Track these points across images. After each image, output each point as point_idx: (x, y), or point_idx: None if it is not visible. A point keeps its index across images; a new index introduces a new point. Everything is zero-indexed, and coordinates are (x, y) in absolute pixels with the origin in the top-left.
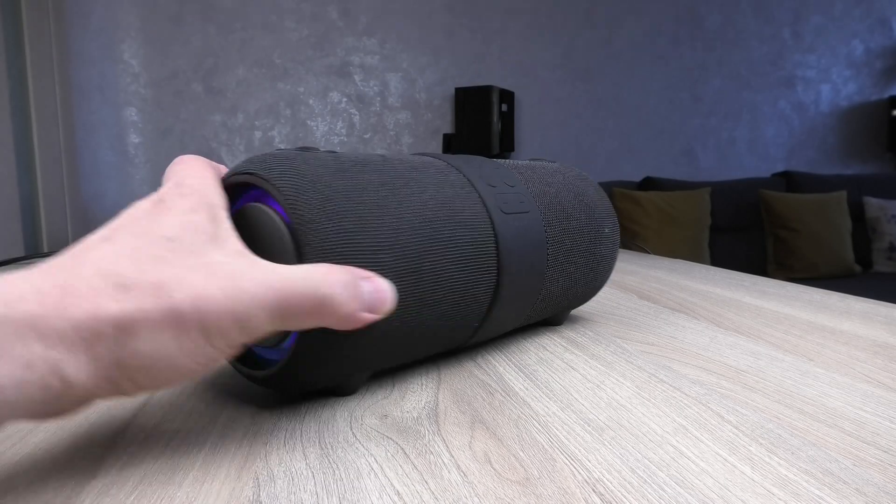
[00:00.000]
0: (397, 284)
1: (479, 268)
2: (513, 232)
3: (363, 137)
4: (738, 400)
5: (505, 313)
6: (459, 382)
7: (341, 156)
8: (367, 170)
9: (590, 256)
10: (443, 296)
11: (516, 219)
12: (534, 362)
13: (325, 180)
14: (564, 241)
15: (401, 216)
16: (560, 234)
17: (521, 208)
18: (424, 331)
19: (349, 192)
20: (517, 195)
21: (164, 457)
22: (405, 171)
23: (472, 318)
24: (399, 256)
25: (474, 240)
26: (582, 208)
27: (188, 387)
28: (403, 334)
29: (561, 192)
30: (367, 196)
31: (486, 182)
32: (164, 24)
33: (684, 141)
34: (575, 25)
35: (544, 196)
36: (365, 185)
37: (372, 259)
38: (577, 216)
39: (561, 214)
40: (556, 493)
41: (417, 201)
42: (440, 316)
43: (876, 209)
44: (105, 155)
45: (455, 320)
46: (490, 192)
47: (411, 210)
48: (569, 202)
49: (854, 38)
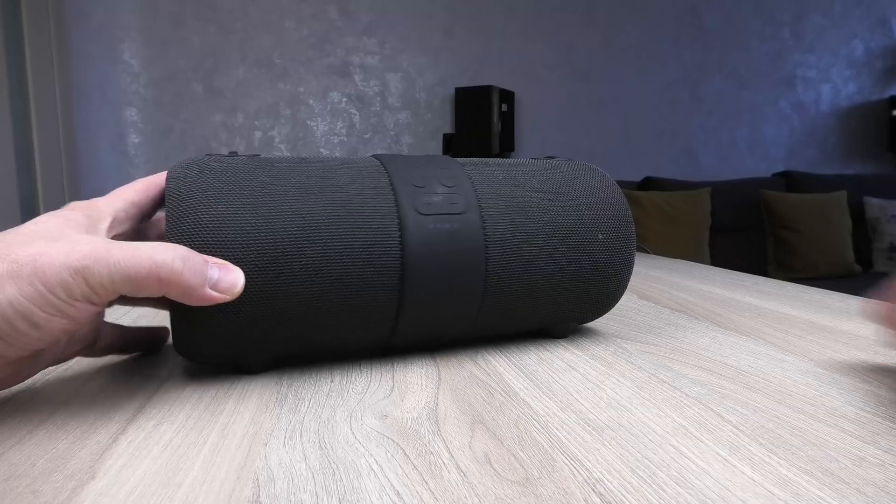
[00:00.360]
0: (262, 275)
1: (378, 267)
2: (427, 232)
3: (363, 137)
4: (738, 400)
5: (426, 314)
6: (459, 382)
7: (256, 160)
8: (266, 172)
9: (573, 264)
10: (326, 291)
11: (438, 220)
12: (534, 362)
13: (210, 183)
14: (520, 245)
15: (280, 213)
16: (512, 237)
17: (450, 209)
18: (313, 322)
19: (230, 192)
20: (451, 196)
21: (164, 457)
22: (316, 172)
23: (377, 316)
24: (266, 249)
25: (371, 239)
26: (561, 211)
27: (188, 387)
28: (279, 322)
29: (532, 192)
30: (244, 194)
31: (413, 183)
32: (164, 23)
33: (684, 141)
34: (575, 25)
35: (501, 196)
36: (254, 186)
37: (239, 248)
38: (548, 219)
39: (521, 216)
40: (556, 493)
41: (305, 202)
42: (328, 311)
43: (876, 209)
44: (105, 155)
45: (354, 316)
46: (411, 192)
47: (293, 209)
48: (541, 203)
49: (854, 38)
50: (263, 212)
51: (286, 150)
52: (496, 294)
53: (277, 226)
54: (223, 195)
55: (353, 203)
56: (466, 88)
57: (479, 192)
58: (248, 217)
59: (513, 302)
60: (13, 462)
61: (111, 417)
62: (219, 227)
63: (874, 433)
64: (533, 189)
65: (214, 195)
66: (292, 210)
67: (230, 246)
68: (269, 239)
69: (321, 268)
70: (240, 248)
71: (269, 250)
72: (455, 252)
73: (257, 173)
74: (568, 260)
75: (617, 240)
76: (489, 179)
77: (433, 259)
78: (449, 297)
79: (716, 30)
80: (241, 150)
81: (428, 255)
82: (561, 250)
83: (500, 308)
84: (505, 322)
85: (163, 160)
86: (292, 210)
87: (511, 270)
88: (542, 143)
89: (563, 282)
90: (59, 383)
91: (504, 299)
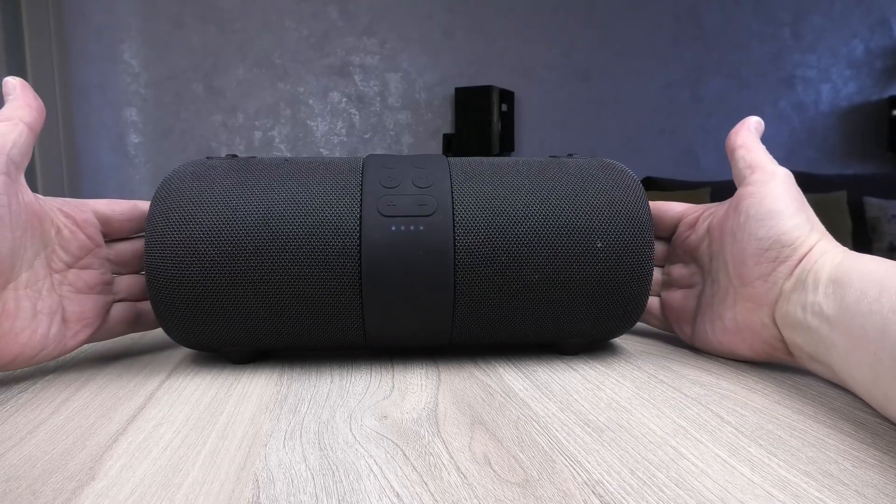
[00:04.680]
0: (226, 271)
1: (336, 268)
2: (386, 234)
3: (363, 137)
4: (737, 401)
5: (392, 319)
6: (459, 383)
7: (239, 161)
8: (241, 174)
9: (562, 275)
10: (286, 290)
11: (402, 222)
12: (533, 363)
13: (186, 185)
14: (496, 251)
15: (243, 213)
16: (485, 242)
17: (417, 211)
18: (278, 320)
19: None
20: (421, 196)
21: (164, 458)
22: (290, 174)
23: (342, 317)
24: (229, 247)
25: (329, 241)
26: (549, 215)
27: (188, 387)
28: (247, 317)
29: (519, 194)
30: (213, 195)
31: (382, 184)
32: (164, 23)
33: (684, 141)
34: (575, 25)
35: (480, 198)
36: (224, 187)
37: (204, 245)
38: (533, 224)
39: (500, 220)
40: (555, 494)
41: (267, 202)
42: (291, 309)
43: (876, 209)
44: (105, 155)
45: (317, 316)
46: (378, 193)
47: (255, 209)
48: (528, 206)
49: (854, 38)
50: (227, 212)
51: (286, 150)
52: (471, 303)
53: (239, 225)
54: (194, 195)
55: (313, 204)
56: (466, 88)
57: (457, 193)
58: (214, 216)
59: (492, 312)
60: (13, 463)
61: (111, 418)
62: (187, 224)
63: (874, 434)
64: (521, 191)
65: (187, 195)
66: (255, 210)
67: (197, 243)
68: (231, 237)
69: (281, 267)
70: (205, 244)
71: (231, 248)
72: (418, 255)
73: (231, 175)
74: (556, 270)
75: (623, 248)
76: (474, 180)
77: (393, 262)
78: (416, 303)
79: (716, 30)
80: (242, 150)
81: (387, 258)
82: (547, 259)
83: (480, 318)
84: (493, 333)
85: (163, 160)
86: (255, 210)
87: (485, 278)
88: (542, 143)
89: (553, 294)
90: (58, 384)
91: (482, 309)
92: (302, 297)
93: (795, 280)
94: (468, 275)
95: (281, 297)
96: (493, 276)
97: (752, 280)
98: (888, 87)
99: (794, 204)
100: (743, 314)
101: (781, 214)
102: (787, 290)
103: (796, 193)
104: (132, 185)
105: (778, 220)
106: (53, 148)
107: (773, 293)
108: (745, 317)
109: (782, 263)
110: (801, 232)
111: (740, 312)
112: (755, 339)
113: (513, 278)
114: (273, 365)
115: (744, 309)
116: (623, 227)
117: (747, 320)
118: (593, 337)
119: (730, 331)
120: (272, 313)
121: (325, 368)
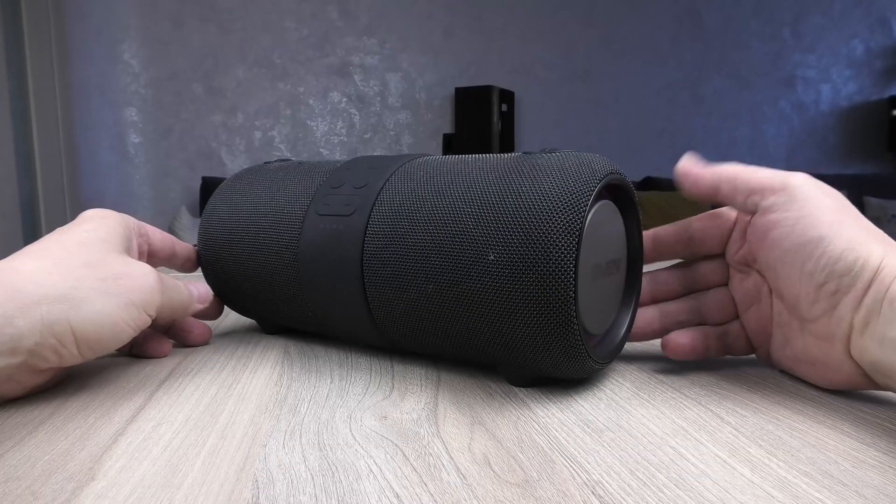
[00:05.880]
0: (224, 256)
1: (284, 259)
2: (316, 232)
3: (363, 137)
4: (737, 401)
5: (327, 314)
6: (459, 383)
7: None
8: (248, 179)
9: (455, 288)
10: (258, 275)
11: (330, 221)
12: None
13: (218, 192)
14: (395, 254)
15: (233, 211)
16: (387, 244)
17: (342, 210)
18: (263, 299)
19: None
20: (351, 197)
21: (163, 458)
22: (281, 177)
23: (297, 305)
24: (223, 238)
25: (279, 235)
26: (448, 220)
27: (187, 388)
28: (243, 294)
29: (434, 196)
30: (224, 198)
31: (331, 185)
32: (164, 24)
33: (684, 141)
34: (575, 25)
35: (399, 199)
36: (233, 191)
37: (213, 235)
38: (431, 229)
39: (405, 222)
40: (555, 495)
41: (251, 202)
42: (266, 291)
43: (876, 209)
44: (105, 155)
45: (283, 301)
46: (324, 193)
47: (241, 208)
48: (434, 209)
49: (854, 38)
50: (225, 211)
51: (286, 150)
52: (383, 307)
53: (228, 223)
54: (223, 193)
55: (283, 201)
56: (466, 88)
57: (383, 195)
58: (225, 211)
59: (405, 319)
60: (12, 463)
61: (110, 419)
62: (210, 216)
63: (874, 435)
64: (441, 194)
65: (220, 192)
66: (248, 205)
67: (213, 231)
68: (224, 230)
69: (254, 256)
70: (212, 239)
71: (231, 235)
72: (336, 254)
73: (255, 175)
74: (450, 282)
75: (519, 264)
76: (407, 181)
77: (318, 258)
78: (339, 300)
79: (716, 30)
80: (242, 150)
81: (314, 254)
82: (439, 268)
83: (398, 324)
84: (420, 342)
85: (163, 160)
86: (248, 205)
87: (387, 282)
88: (542, 143)
89: (453, 309)
90: (58, 385)
91: (394, 315)
92: (267, 282)
93: (867, 311)
94: (374, 277)
95: (256, 279)
96: (394, 281)
97: (814, 318)
98: (888, 87)
99: (835, 218)
100: (813, 349)
101: (825, 240)
102: (858, 323)
103: (831, 203)
104: (132, 184)
105: (824, 248)
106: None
107: (843, 329)
108: (817, 352)
109: (845, 295)
110: (858, 252)
111: (810, 346)
112: (833, 374)
113: (410, 286)
114: (273, 365)
115: (813, 344)
116: (521, 240)
117: (820, 355)
118: (526, 367)
119: (802, 361)
120: (257, 292)
121: (324, 369)
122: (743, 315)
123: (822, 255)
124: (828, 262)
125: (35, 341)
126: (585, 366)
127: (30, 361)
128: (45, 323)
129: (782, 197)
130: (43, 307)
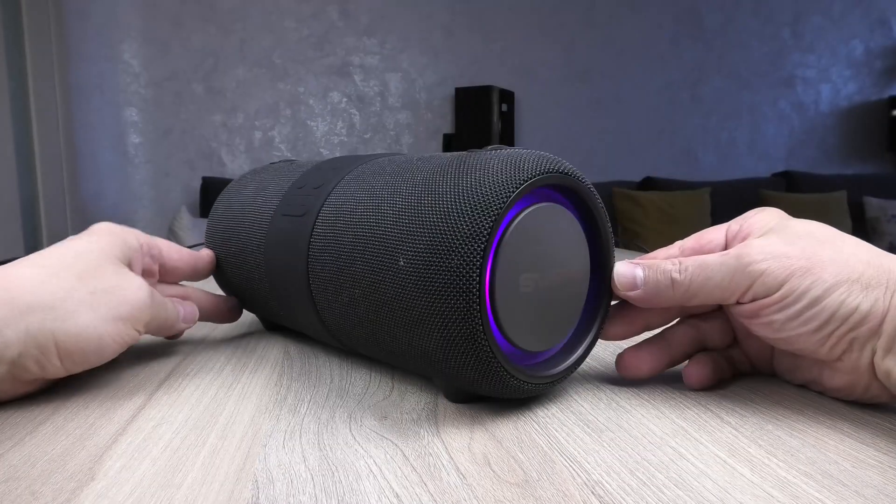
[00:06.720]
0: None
1: (255, 267)
2: (275, 231)
3: (363, 137)
4: (737, 401)
5: (289, 311)
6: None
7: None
8: (247, 181)
9: (375, 294)
10: (246, 271)
11: (287, 220)
12: None
13: (223, 193)
14: (332, 256)
15: (238, 215)
16: (326, 246)
17: (296, 210)
18: (249, 295)
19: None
20: (307, 197)
21: (163, 458)
22: (276, 175)
23: (268, 298)
24: (220, 238)
25: (253, 233)
26: (373, 222)
27: (187, 388)
28: (237, 290)
29: (371, 197)
30: (223, 201)
31: (297, 185)
32: (164, 23)
33: (684, 141)
34: (575, 25)
35: (344, 200)
36: (231, 195)
37: (213, 236)
38: (358, 231)
39: (342, 224)
40: (555, 495)
41: (239, 203)
42: (251, 297)
43: (876, 209)
44: (105, 155)
45: (266, 305)
46: (291, 194)
47: (232, 210)
48: (367, 211)
49: (854, 38)
50: (223, 212)
51: (286, 150)
52: (326, 309)
53: (223, 221)
54: (218, 201)
55: (257, 202)
56: (466, 88)
57: (333, 195)
58: (217, 216)
59: (345, 323)
60: (13, 463)
61: (111, 419)
62: (210, 224)
63: (873, 435)
64: (377, 196)
65: (217, 202)
66: (233, 209)
67: (213, 228)
68: (219, 230)
69: (237, 254)
70: (212, 236)
71: (220, 238)
72: (290, 254)
73: (242, 180)
74: (371, 286)
75: (425, 271)
76: (356, 182)
77: (276, 258)
78: (296, 301)
79: (716, 30)
80: (242, 150)
81: (274, 254)
82: (362, 272)
83: (342, 327)
84: (367, 348)
85: (163, 160)
86: (233, 209)
87: (325, 284)
88: (542, 142)
89: (378, 315)
90: (58, 384)
91: (335, 317)
92: (248, 279)
93: (888, 338)
94: (315, 279)
95: (241, 277)
96: (330, 283)
97: (836, 357)
98: (888, 87)
99: (816, 263)
100: (836, 380)
101: (819, 300)
102: (880, 351)
103: (805, 245)
104: (132, 184)
105: (819, 304)
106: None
107: (865, 360)
108: (839, 382)
109: (855, 330)
110: (855, 287)
111: (834, 378)
112: (858, 395)
113: (343, 289)
114: (273, 365)
115: (836, 376)
116: (426, 245)
117: (843, 384)
118: (451, 380)
119: (817, 384)
120: (244, 289)
121: (324, 369)
122: (742, 342)
123: (822, 310)
124: (829, 312)
125: (18, 351)
126: (508, 385)
127: (13, 371)
128: (30, 334)
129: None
130: (30, 317)
